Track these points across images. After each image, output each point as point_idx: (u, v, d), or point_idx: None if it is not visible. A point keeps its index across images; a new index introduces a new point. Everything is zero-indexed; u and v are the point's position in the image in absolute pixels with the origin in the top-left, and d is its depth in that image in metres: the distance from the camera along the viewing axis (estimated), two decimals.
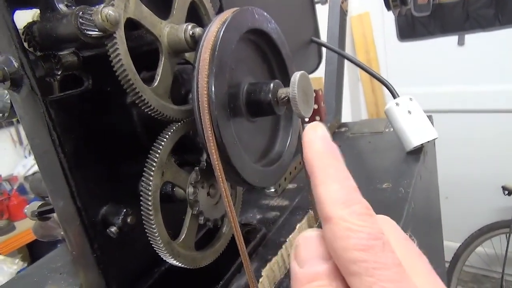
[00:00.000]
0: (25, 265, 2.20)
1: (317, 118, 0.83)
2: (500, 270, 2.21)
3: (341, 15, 1.04)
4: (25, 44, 0.35)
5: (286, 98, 0.41)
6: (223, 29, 0.37)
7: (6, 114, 0.42)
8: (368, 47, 2.67)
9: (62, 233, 0.67)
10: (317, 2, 1.02)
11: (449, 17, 2.30)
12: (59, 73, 0.37)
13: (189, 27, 0.39)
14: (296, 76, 0.40)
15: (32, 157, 2.65)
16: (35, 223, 0.71)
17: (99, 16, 0.32)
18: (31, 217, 0.49)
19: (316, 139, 0.24)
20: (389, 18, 2.51)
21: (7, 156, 2.81)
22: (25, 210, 0.51)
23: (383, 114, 0.77)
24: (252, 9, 0.41)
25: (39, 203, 0.52)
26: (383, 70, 2.66)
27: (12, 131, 2.83)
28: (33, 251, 2.58)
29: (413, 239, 0.25)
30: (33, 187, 0.58)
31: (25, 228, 2.44)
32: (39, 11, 0.44)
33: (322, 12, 1.03)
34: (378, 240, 0.20)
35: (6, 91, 0.41)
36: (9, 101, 0.41)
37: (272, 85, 0.41)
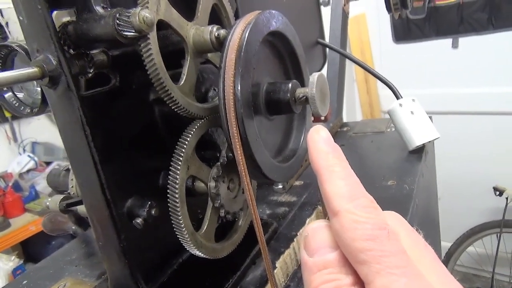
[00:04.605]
0: (21, 262, 2.20)
1: (322, 117, 0.85)
2: (491, 270, 2.25)
3: (343, 17, 1.06)
4: None
5: (304, 97, 0.43)
6: (248, 31, 0.39)
7: (35, 110, 0.43)
8: (364, 48, 2.70)
9: (73, 227, 0.69)
10: (320, 4, 1.04)
11: (443, 20, 2.34)
12: (91, 71, 0.39)
13: (215, 29, 0.41)
14: (314, 77, 0.43)
15: (27, 154, 2.65)
16: (44, 217, 0.72)
17: (137, 18, 0.34)
18: (55, 209, 0.51)
19: (320, 140, 0.26)
20: (385, 20, 2.54)
21: (2, 153, 2.79)
22: (47, 203, 0.53)
23: (378, 115, 0.80)
24: (273, 12, 0.44)
25: (60, 196, 0.54)
26: (378, 71, 2.69)
27: (7, 128, 2.82)
28: (27, 249, 2.57)
29: (419, 232, 0.27)
30: (50, 181, 0.60)
31: (20, 225, 2.43)
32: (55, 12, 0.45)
33: (324, 14, 1.05)
34: (383, 230, 0.22)
35: (37, 88, 0.43)
36: (39, 97, 0.43)
37: (290, 85, 0.44)
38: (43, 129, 2.81)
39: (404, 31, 2.50)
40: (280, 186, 0.71)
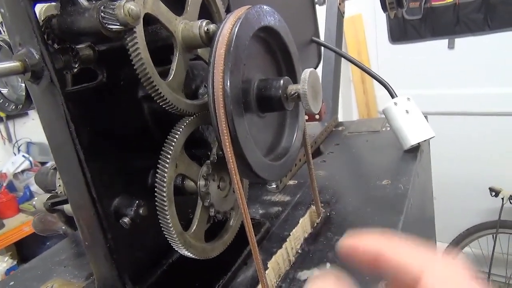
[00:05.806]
0: (15, 263, 2.18)
1: (317, 116, 0.84)
2: (487, 270, 2.25)
3: (338, 16, 1.05)
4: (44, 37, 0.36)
5: (296, 94, 0.42)
6: (237, 26, 0.38)
7: (20, 106, 0.42)
8: (360, 48, 2.70)
9: (63, 227, 0.68)
10: (315, 3, 1.04)
11: (440, 20, 2.34)
12: (76, 66, 0.38)
13: (204, 23, 0.40)
14: (306, 73, 0.42)
15: (21, 154, 2.63)
16: (34, 218, 0.71)
17: (122, 11, 0.32)
18: (42, 208, 0.50)
19: (361, 239, 0.25)
20: (381, 20, 2.54)
21: None
22: (33, 202, 0.51)
23: (374, 114, 0.79)
24: (264, 8, 0.43)
25: (46, 195, 0.53)
26: (374, 72, 2.68)
27: (2, 128, 2.80)
28: (21, 250, 2.55)
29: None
30: (38, 181, 0.59)
31: (14, 226, 2.41)
32: (45, 6, 0.44)
33: (320, 13, 1.04)
34: None
35: (21, 84, 0.42)
36: (23, 93, 0.41)
37: (282, 81, 0.43)
38: (38, 129, 2.76)
39: (401, 32, 2.49)
40: (274, 186, 0.70)
